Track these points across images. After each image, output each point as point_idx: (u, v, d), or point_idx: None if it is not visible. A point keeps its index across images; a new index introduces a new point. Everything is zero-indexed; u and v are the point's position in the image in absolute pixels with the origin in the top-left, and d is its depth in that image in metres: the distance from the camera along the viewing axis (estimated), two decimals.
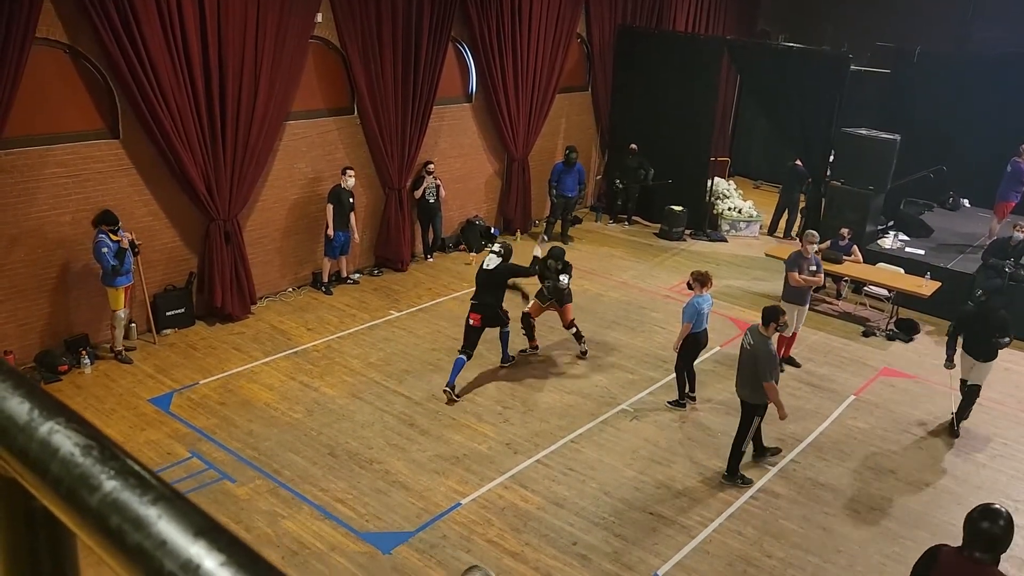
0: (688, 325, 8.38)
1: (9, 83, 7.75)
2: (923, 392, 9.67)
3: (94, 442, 0.64)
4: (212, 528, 0.56)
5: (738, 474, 7.68)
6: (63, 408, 0.68)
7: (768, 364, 7.25)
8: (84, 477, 0.61)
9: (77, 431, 0.65)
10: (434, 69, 11.94)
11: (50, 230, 8.66)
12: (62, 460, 0.63)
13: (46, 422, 0.65)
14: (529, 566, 6.39)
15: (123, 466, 0.62)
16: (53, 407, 0.67)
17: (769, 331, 7.35)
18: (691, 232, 14.90)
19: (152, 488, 0.60)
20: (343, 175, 10.97)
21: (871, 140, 12.46)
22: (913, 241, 13.01)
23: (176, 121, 9.12)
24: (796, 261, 9.82)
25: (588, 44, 15.25)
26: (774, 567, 6.57)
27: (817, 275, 9.88)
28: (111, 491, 0.60)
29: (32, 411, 0.67)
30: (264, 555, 0.55)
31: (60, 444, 0.64)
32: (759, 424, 7.61)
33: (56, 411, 0.67)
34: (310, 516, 6.81)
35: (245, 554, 0.54)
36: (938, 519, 7.33)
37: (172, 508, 0.58)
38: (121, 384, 8.68)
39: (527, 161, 14.21)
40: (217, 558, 0.54)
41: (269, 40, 9.76)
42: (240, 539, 0.56)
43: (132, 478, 0.61)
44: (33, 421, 0.66)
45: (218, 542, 0.55)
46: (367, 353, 9.70)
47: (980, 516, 4.04)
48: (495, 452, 7.88)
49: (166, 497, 0.59)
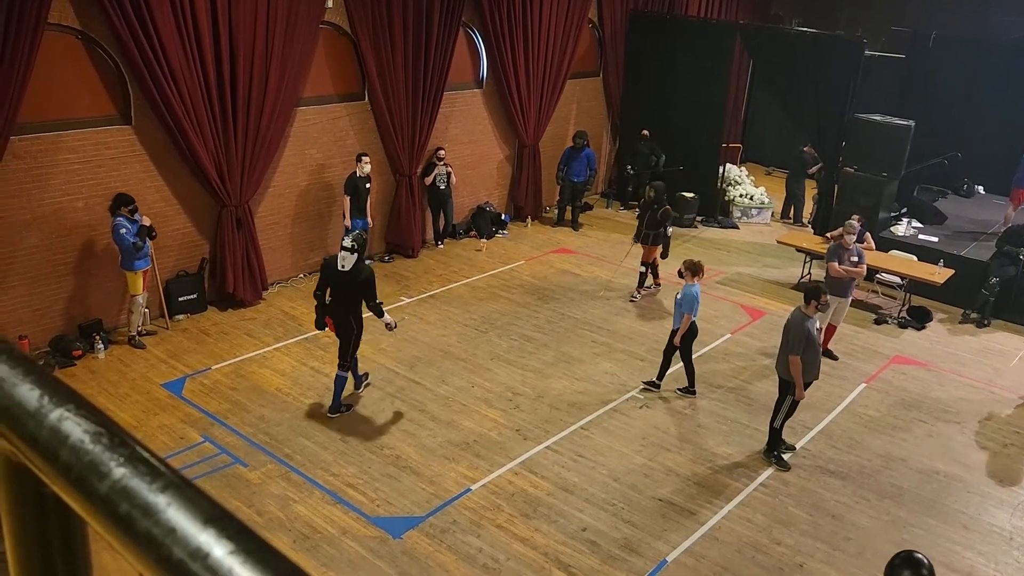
0: (688, 316, 8.33)
1: (22, 69, 7.77)
2: (935, 380, 9.63)
3: (103, 429, 0.64)
4: (221, 516, 0.56)
5: (774, 452, 7.70)
6: (73, 395, 0.68)
7: (796, 338, 7.30)
8: (94, 464, 0.61)
9: (87, 418, 0.65)
10: (445, 55, 11.90)
11: (64, 216, 8.71)
12: (72, 447, 0.63)
13: (56, 409, 0.66)
14: (538, 551, 6.42)
15: (132, 453, 0.62)
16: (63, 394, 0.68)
17: (809, 309, 7.39)
18: (702, 219, 14.84)
19: (161, 475, 0.60)
20: (358, 162, 10.89)
21: (885, 126, 12.34)
22: (926, 228, 12.91)
23: (187, 107, 9.13)
24: (836, 252, 9.65)
25: (599, 29, 15.15)
26: (783, 554, 6.58)
27: (860, 266, 9.63)
28: (120, 478, 0.60)
29: (42, 398, 0.67)
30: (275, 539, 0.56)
31: (70, 431, 0.64)
32: (792, 405, 7.58)
33: (66, 398, 0.67)
34: (321, 500, 6.86)
35: (254, 542, 0.54)
36: (949, 507, 7.31)
37: (181, 496, 0.58)
38: (135, 369, 8.75)
39: (538, 147, 14.17)
40: (226, 546, 0.54)
41: (280, 25, 9.74)
42: (249, 527, 0.56)
43: (141, 465, 0.61)
44: (43, 408, 0.66)
45: (227, 530, 0.55)
46: (377, 339, 9.72)
47: (902, 564, 3.88)
48: (505, 438, 7.90)
49: (175, 484, 0.59)
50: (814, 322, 7.45)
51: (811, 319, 7.40)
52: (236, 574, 0.52)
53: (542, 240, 13.52)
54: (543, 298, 11.15)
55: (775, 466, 7.67)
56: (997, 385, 9.60)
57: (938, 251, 11.70)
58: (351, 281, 7.56)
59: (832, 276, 9.59)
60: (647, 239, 10.95)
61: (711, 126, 14.71)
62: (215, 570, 0.52)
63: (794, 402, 7.55)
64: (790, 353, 7.36)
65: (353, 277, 7.54)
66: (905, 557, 3.94)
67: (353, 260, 7.54)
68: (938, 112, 14.26)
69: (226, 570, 0.52)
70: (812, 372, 7.52)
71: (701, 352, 9.83)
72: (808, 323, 7.34)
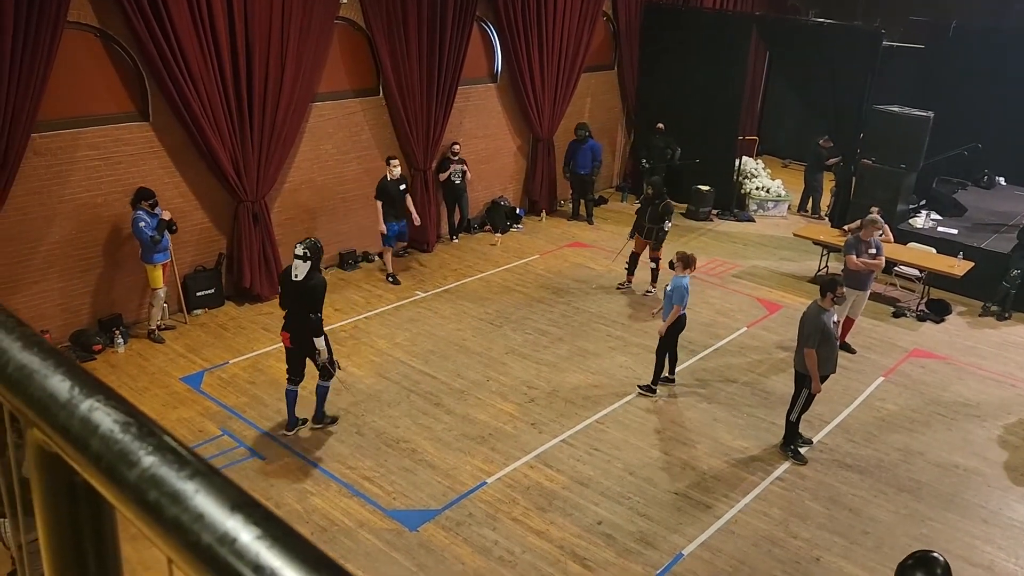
0: (678, 308, 8.29)
1: (42, 67, 7.86)
2: (954, 373, 9.55)
3: (132, 419, 0.66)
4: (247, 502, 0.58)
5: (790, 446, 7.69)
6: (102, 386, 0.70)
7: (811, 331, 7.27)
8: (123, 453, 0.63)
9: (116, 408, 0.67)
10: (459, 49, 11.90)
11: (83, 212, 8.80)
12: (102, 436, 0.65)
13: (86, 399, 0.68)
14: (554, 544, 6.44)
15: (160, 442, 0.64)
16: (93, 385, 0.70)
17: (826, 302, 7.36)
18: (718, 212, 14.77)
19: (189, 464, 0.62)
20: (388, 165, 10.83)
21: (903, 117, 12.23)
22: (946, 220, 12.78)
23: (204, 103, 9.19)
24: (854, 245, 9.60)
25: (614, 22, 15.09)
26: (800, 548, 6.56)
27: (878, 258, 9.55)
28: (149, 466, 0.62)
29: (73, 388, 0.69)
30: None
31: (100, 421, 0.66)
32: (807, 399, 7.55)
33: (96, 389, 0.69)
34: (338, 493, 6.91)
35: (279, 527, 0.56)
36: (968, 501, 7.26)
37: (208, 483, 0.60)
38: (154, 363, 8.84)
39: (552, 141, 14.15)
40: (252, 531, 0.55)
41: (295, 21, 9.79)
42: (274, 513, 0.57)
43: (169, 454, 0.63)
44: (74, 399, 0.68)
45: (253, 516, 0.56)
46: (393, 333, 9.77)
47: (915, 564, 3.72)
48: (520, 431, 7.92)
49: (202, 472, 0.61)
50: (831, 315, 7.41)
51: (828, 312, 7.36)
52: (263, 558, 0.53)
53: (557, 234, 13.51)
54: (558, 292, 11.15)
55: (792, 460, 7.65)
56: (1017, 379, 9.50)
57: (958, 243, 11.59)
58: (303, 291, 7.07)
59: (850, 269, 9.53)
60: (650, 233, 10.88)
61: (727, 119, 14.62)
62: (242, 555, 0.54)
63: (810, 396, 7.52)
64: (805, 346, 7.34)
65: (304, 287, 7.06)
66: (919, 557, 3.80)
67: (306, 268, 7.05)
68: (958, 102, 14.08)
69: (253, 555, 0.54)
70: (829, 366, 7.48)
71: (716, 346, 9.82)
72: (824, 316, 7.31)
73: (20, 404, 0.71)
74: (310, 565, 0.53)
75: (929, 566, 3.70)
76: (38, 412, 0.69)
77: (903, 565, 3.80)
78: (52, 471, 0.71)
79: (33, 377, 0.70)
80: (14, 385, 0.71)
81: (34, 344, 0.74)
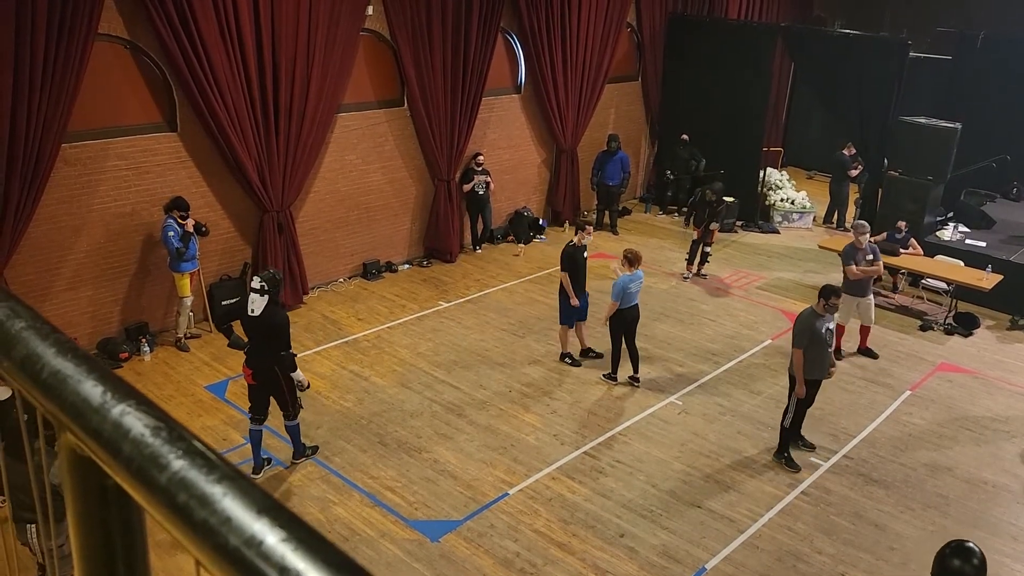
0: (615, 304, 8.53)
1: (73, 78, 8.01)
2: (982, 388, 9.40)
3: (162, 424, 0.68)
4: (274, 506, 0.59)
5: (783, 454, 7.66)
6: (133, 391, 0.71)
7: (799, 332, 7.41)
8: (154, 457, 0.65)
9: (147, 413, 0.68)
10: (483, 60, 11.96)
11: (112, 221, 8.94)
12: (133, 440, 0.66)
13: (118, 404, 0.69)
14: (576, 557, 6.41)
15: (189, 447, 0.66)
16: (124, 390, 0.71)
17: (818, 307, 7.47)
18: (743, 224, 14.69)
19: (217, 468, 0.63)
20: (582, 231, 9.12)
21: (931, 129, 12.10)
22: (974, 233, 12.62)
23: (231, 114, 9.31)
24: (851, 253, 9.65)
25: (638, 33, 15.10)
26: (824, 563, 6.48)
27: (875, 264, 9.68)
28: (179, 470, 0.63)
29: (105, 394, 0.71)
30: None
31: (131, 425, 0.67)
32: (797, 403, 7.58)
33: (127, 394, 0.71)
34: (360, 503, 6.93)
35: (305, 531, 0.57)
36: (996, 517, 7.14)
37: (236, 487, 0.61)
38: (179, 371, 8.93)
39: (576, 152, 14.16)
40: (279, 534, 0.56)
41: (321, 33, 9.90)
42: (300, 517, 0.58)
43: (198, 458, 0.64)
44: (106, 404, 0.70)
45: (280, 519, 0.58)
46: (416, 343, 9.80)
47: (952, 554, 3.81)
48: (542, 443, 7.90)
49: (230, 476, 0.62)
50: (825, 320, 7.43)
51: (821, 317, 7.42)
52: (289, 560, 0.54)
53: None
54: None
55: (785, 467, 7.61)
56: None
57: (986, 256, 11.42)
58: (262, 327, 6.73)
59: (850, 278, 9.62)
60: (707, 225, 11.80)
61: (751, 130, 14.55)
62: (269, 557, 0.55)
63: (800, 401, 7.53)
64: (792, 347, 7.47)
65: (264, 322, 6.70)
66: (956, 546, 3.88)
67: (263, 303, 6.68)
68: (986, 114, 13.92)
69: (279, 557, 0.55)
70: (817, 370, 7.52)
71: (740, 358, 9.75)
72: (817, 321, 7.38)
73: (54, 408, 0.73)
74: (335, 568, 0.54)
75: (966, 555, 3.79)
76: (72, 416, 0.70)
77: (942, 553, 3.88)
78: (84, 475, 0.73)
79: (67, 382, 0.72)
80: (48, 390, 0.73)
81: (68, 350, 0.76)
